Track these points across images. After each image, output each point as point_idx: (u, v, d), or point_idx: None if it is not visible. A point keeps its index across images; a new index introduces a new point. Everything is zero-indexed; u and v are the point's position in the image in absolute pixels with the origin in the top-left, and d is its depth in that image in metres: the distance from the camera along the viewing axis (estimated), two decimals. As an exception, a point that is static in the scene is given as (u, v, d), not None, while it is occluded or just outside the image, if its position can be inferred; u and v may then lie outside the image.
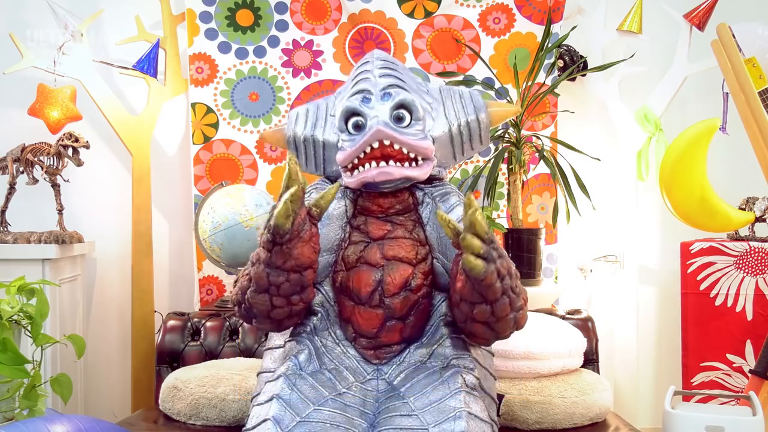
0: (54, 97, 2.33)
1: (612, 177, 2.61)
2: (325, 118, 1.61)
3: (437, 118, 1.56)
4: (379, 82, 1.52)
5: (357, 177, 1.48)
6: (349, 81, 1.61)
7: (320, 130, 1.59)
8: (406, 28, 2.57)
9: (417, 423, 1.27)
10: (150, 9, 2.55)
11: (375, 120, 1.47)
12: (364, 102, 1.50)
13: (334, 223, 1.51)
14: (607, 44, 2.59)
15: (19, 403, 1.59)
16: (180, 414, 1.87)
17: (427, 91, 1.62)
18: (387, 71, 1.56)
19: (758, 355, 2.04)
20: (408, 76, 1.60)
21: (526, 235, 2.37)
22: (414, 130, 1.49)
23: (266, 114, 2.57)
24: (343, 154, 1.50)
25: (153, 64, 2.47)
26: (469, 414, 1.28)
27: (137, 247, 2.50)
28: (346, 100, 1.53)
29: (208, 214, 2.29)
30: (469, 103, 1.60)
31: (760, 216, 2.29)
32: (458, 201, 1.55)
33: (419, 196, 1.55)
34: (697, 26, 2.48)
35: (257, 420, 1.32)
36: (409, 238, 1.51)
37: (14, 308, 1.58)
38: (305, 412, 1.29)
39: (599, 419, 1.86)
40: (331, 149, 1.57)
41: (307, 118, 1.62)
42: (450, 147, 1.57)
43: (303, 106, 1.66)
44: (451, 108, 1.58)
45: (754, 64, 2.22)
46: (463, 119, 1.57)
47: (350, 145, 1.48)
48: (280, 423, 1.27)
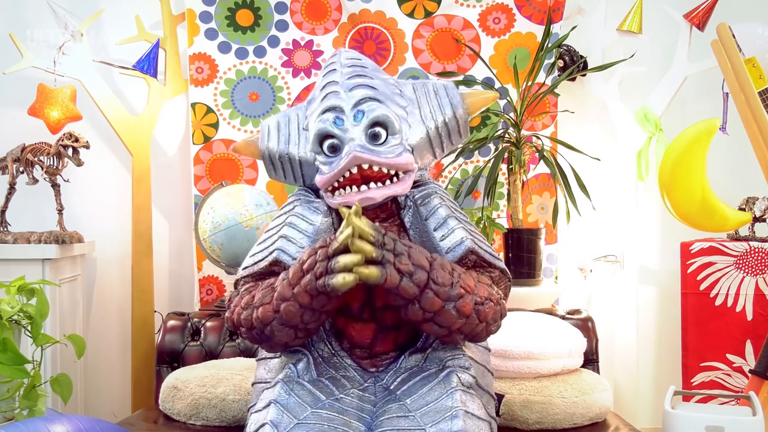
0: (54, 97, 2.33)
1: (612, 177, 2.61)
2: (297, 132, 1.55)
3: (413, 123, 1.50)
4: (350, 96, 1.46)
5: (339, 200, 1.44)
6: (318, 90, 1.54)
7: (294, 147, 1.53)
8: (406, 28, 2.57)
9: (414, 424, 1.27)
10: (150, 9, 2.55)
11: (351, 144, 1.42)
12: (336, 123, 1.45)
13: (322, 236, 1.48)
14: (607, 44, 2.59)
15: (19, 403, 1.59)
16: (180, 414, 1.87)
17: (400, 92, 1.55)
18: (357, 80, 1.49)
19: (758, 355, 2.04)
20: (380, 79, 1.53)
21: (526, 235, 2.37)
22: (391, 147, 1.44)
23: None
24: (321, 178, 1.45)
25: (153, 64, 2.47)
26: (466, 413, 1.28)
27: (137, 247, 2.50)
28: (318, 121, 1.47)
29: (208, 214, 2.29)
30: (444, 100, 1.53)
31: (760, 216, 2.29)
32: (440, 203, 1.50)
33: (401, 201, 1.52)
34: (697, 26, 2.48)
35: (255, 426, 1.31)
36: None
37: (14, 308, 1.58)
38: (303, 415, 1.29)
39: (599, 419, 1.86)
40: (307, 166, 1.52)
41: (279, 133, 1.56)
42: (430, 148, 1.52)
43: (273, 118, 1.60)
44: (426, 108, 1.52)
45: (754, 64, 2.22)
46: (440, 119, 1.51)
47: (328, 168, 1.44)
48: (278, 426, 1.27)
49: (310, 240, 1.46)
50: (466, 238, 1.44)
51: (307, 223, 1.50)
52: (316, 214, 1.50)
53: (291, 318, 1.34)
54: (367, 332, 1.44)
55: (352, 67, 1.53)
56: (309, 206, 1.52)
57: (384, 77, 1.57)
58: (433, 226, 1.47)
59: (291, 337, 1.38)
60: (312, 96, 1.57)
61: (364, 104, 1.46)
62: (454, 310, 1.32)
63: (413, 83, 1.58)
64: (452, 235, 1.45)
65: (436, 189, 1.54)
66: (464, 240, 1.44)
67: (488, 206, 2.44)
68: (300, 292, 1.32)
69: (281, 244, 1.47)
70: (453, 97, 1.54)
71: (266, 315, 1.37)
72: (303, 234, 1.48)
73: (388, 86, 1.54)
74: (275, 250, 1.46)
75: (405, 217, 1.51)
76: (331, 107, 1.47)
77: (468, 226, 1.49)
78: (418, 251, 1.33)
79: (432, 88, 1.56)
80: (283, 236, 1.48)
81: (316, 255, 1.31)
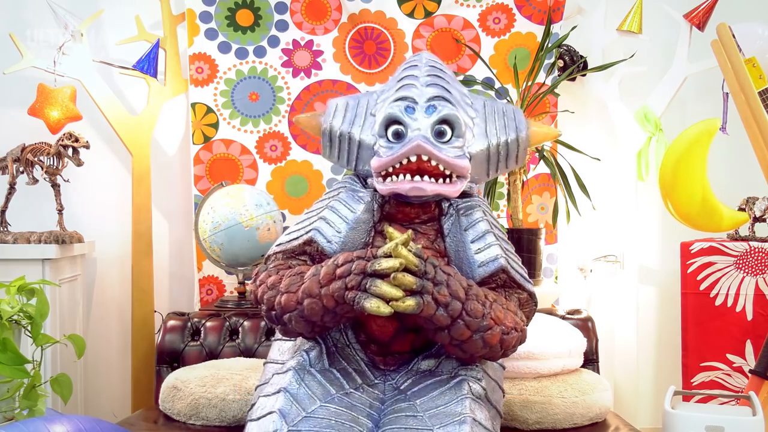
0: (54, 97, 2.33)
1: (612, 177, 2.61)
2: (364, 116, 1.57)
3: (477, 134, 1.53)
4: (425, 92, 1.49)
5: (389, 186, 1.46)
6: (394, 81, 1.57)
7: (358, 129, 1.56)
8: (406, 28, 2.57)
9: (422, 424, 1.27)
10: (150, 9, 2.55)
11: (416, 133, 1.44)
12: (407, 111, 1.47)
13: (361, 226, 1.50)
14: (607, 44, 2.59)
15: (19, 403, 1.59)
16: (180, 414, 1.87)
17: (471, 104, 1.58)
18: (434, 79, 1.52)
19: (758, 355, 2.04)
20: (454, 87, 1.56)
21: (526, 235, 2.36)
22: (453, 147, 1.47)
23: (266, 114, 2.57)
24: (378, 161, 1.47)
25: (153, 64, 2.47)
26: (474, 420, 1.29)
27: (137, 247, 2.50)
28: (389, 106, 1.49)
29: (208, 214, 2.29)
30: (511, 122, 1.56)
31: (760, 216, 2.29)
32: (482, 217, 1.51)
33: (444, 207, 1.53)
34: (697, 26, 2.48)
35: (263, 411, 1.32)
36: (430, 248, 1.50)
37: (14, 308, 1.58)
38: (311, 408, 1.29)
39: (599, 419, 1.86)
40: (366, 149, 1.54)
41: (346, 113, 1.59)
42: (485, 164, 1.54)
43: (343, 99, 1.63)
44: (492, 125, 1.55)
45: (754, 64, 2.22)
46: (503, 138, 1.54)
47: (387, 152, 1.46)
48: (286, 417, 1.27)
49: (349, 227, 1.47)
50: (500, 255, 1.45)
51: (348, 209, 1.51)
52: (359, 203, 1.51)
53: (312, 315, 1.35)
54: (389, 329, 1.44)
55: (432, 67, 1.57)
56: (354, 194, 1.54)
57: (459, 87, 1.61)
58: (471, 237, 1.48)
59: (307, 330, 1.40)
60: (387, 86, 1.60)
61: (437, 101, 1.49)
62: (481, 340, 1.35)
63: (485, 99, 1.62)
64: (488, 250, 1.46)
65: (480, 203, 1.56)
66: (498, 257, 1.45)
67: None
68: (327, 295, 1.33)
69: (319, 224, 1.48)
70: (519, 121, 1.58)
71: (289, 304, 1.38)
72: (343, 220, 1.49)
73: (461, 94, 1.58)
74: (312, 230, 1.48)
75: (445, 224, 1.52)
76: (404, 96, 1.50)
77: (504, 245, 1.51)
78: (457, 279, 1.34)
79: (501, 108, 1.60)
80: (322, 218, 1.50)
81: (352, 264, 1.32)
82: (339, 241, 1.46)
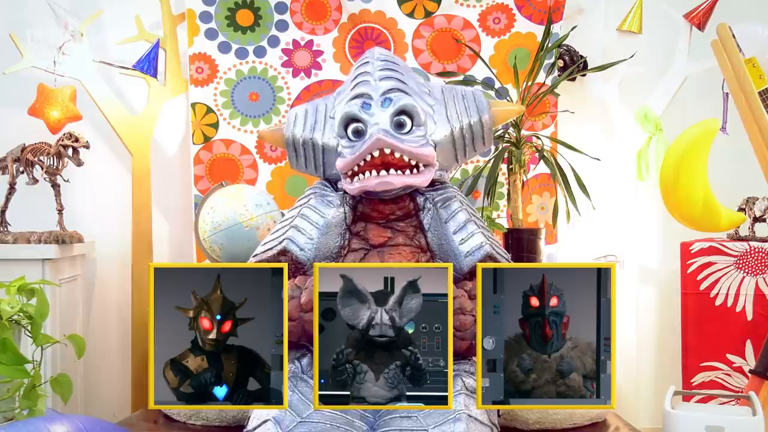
0: (54, 97, 2.33)
1: (612, 177, 2.61)
2: (324, 120, 1.58)
3: (439, 121, 1.53)
4: (380, 86, 1.50)
5: (357, 185, 1.46)
6: (349, 82, 1.59)
7: (319, 133, 1.56)
8: (406, 28, 2.57)
9: (417, 424, 1.28)
10: (150, 9, 2.55)
11: (375, 127, 1.44)
12: (364, 108, 1.48)
13: (333, 230, 1.50)
14: (607, 44, 2.59)
15: (19, 403, 1.59)
16: (180, 414, 1.86)
17: (428, 92, 1.58)
18: (388, 72, 1.53)
19: (758, 355, 2.04)
20: (409, 77, 1.57)
21: (526, 235, 2.36)
22: (415, 137, 1.47)
23: (266, 114, 2.57)
24: (342, 161, 1.48)
25: (153, 64, 2.47)
26: (469, 416, 1.29)
27: (137, 247, 2.50)
28: (345, 105, 1.50)
29: (208, 215, 2.29)
30: (471, 104, 1.56)
31: (760, 216, 2.29)
32: (459, 207, 1.52)
33: (420, 202, 1.53)
34: (697, 26, 2.48)
35: (258, 421, 1.32)
36: (410, 245, 1.50)
37: (14, 308, 1.58)
38: (306, 413, 1.30)
39: (599, 419, 1.86)
40: (330, 153, 1.55)
41: (306, 120, 1.60)
42: (452, 150, 1.55)
43: (302, 107, 1.64)
44: (453, 109, 1.55)
45: (754, 64, 2.22)
46: (466, 121, 1.54)
47: (350, 152, 1.46)
48: (281, 423, 1.28)
49: (321, 232, 1.48)
50: (485, 243, 1.47)
51: (318, 215, 1.51)
52: (329, 207, 1.52)
53: (293, 336, 1.37)
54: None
55: (384, 62, 1.57)
56: (323, 199, 1.54)
57: (414, 76, 1.62)
58: (453, 229, 1.49)
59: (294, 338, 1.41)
60: (342, 87, 1.60)
61: (393, 93, 1.49)
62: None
63: (442, 86, 1.63)
64: (471, 239, 1.47)
65: (455, 193, 1.57)
66: (483, 245, 1.46)
67: (488, 206, 2.44)
68: (309, 321, 1.35)
69: (291, 233, 1.49)
70: (480, 102, 1.57)
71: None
72: (314, 226, 1.49)
73: (418, 84, 1.58)
74: (285, 239, 1.49)
75: (424, 219, 1.52)
76: (360, 93, 1.51)
77: (485, 231, 1.52)
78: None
79: (460, 91, 1.60)
80: (294, 226, 1.51)
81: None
82: (312, 248, 1.47)
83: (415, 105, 1.48)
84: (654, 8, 2.56)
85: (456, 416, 1.28)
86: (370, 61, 1.58)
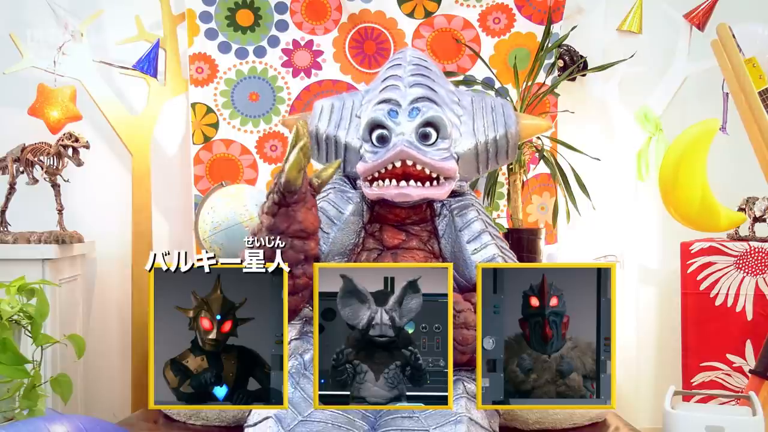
0: (54, 97, 2.33)
1: (612, 177, 2.61)
2: (350, 118, 1.57)
3: (465, 133, 1.52)
4: (409, 93, 1.48)
5: (375, 191, 1.45)
6: (378, 81, 1.55)
7: (343, 131, 1.55)
8: (406, 28, 2.57)
9: (418, 425, 1.28)
10: (150, 9, 2.55)
11: (400, 137, 1.43)
12: (390, 115, 1.46)
13: (349, 227, 1.49)
14: (607, 44, 2.59)
15: (19, 403, 1.59)
16: (180, 414, 1.86)
17: (458, 101, 1.56)
18: (419, 79, 1.51)
19: (758, 355, 2.04)
20: (440, 84, 1.55)
21: (526, 235, 2.36)
22: (438, 149, 1.46)
23: (266, 114, 2.57)
24: (363, 166, 1.47)
25: (153, 64, 2.47)
26: (470, 419, 1.29)
27: (137, 247, 2.50)
28: (372, 110, 1.48)
29: (208, 215, 2.28)
30: (500, 118, 1.54)
31: (760, 216, 2.29)
32: (476, 216, 1.51)
33: (437, 208, 1.52)
34: (697, 26, 2.48)
35: (259, 417, 1.32)
36: (423, 249, 1.50)
37: (14, 308, 1.59)
38: (307, 411, 1.30)
39: (599, 419, 1.85)
40: (352, 152, 1.54)
41: (332, 115, 1.58)
42: (474, 163, 1.53)
43: (328, 100, 1.62)
44: (480, 122, 1.53)
45: (754, 64, 2.22)
46: (492, 135, 1.52)
47: (372, 157, 1.45)
48: (282, 421, 1.28)
49: (337, 228, 1.48)
50: (497, 255, 1.47)
51: (337, 210, 1.51)
52: (348, 204, 1.52)
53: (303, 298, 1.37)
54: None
55: (416, 65, 1.55)
56: (343, 195, 1.54)
57: (445, 82, 1.59)
58: (467, 238, 1.48)
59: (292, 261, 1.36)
60: (372, 86, 1.59)
61: (421, 103, 1.47)
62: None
63: (472, 95, 1.60)
64: (484, 250, 1.48)
65: (473, 201, 1.56)
66: (495, 257, 1.47)
67: (488, 206, 2.44)
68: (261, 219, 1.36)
69: None
70: (509, 116, 1.55)
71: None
72: (331, 221, 1.49)
73: (448, 93, 1.56)
74: None
75: (439, 225, 1.52)
76: (388, 99, 1.49)
77: (500, 242, 1.51)
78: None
79: (490, 103, 1.58)
80: None
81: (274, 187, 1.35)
82: (327, 242, 1.47)
83: (442, 117, 1.46)
84: (654, 8, 2.56)
85: (457, 418, 1.28)
86: (402, 64, 1.56)
